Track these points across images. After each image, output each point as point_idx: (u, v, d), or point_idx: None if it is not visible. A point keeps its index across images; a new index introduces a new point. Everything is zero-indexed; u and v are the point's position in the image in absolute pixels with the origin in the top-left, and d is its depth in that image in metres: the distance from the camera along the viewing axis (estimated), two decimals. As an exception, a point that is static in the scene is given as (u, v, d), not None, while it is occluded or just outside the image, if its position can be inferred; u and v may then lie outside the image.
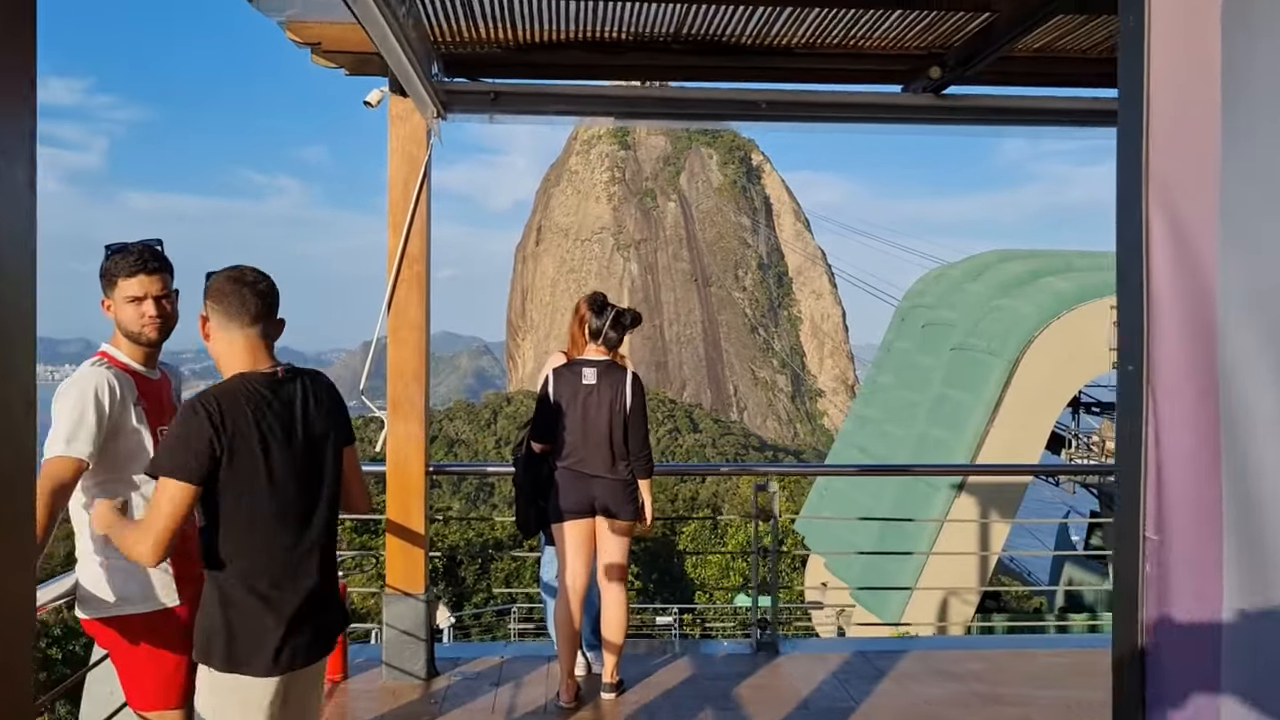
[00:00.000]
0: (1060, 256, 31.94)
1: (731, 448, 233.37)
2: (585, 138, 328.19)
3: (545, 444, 6.13)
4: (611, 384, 6.02)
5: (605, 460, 6.01)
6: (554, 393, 6.09)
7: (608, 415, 5.99)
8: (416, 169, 6.30)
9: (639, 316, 6.24)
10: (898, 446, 29.23)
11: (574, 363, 6.17)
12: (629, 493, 6.09)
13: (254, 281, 3.43)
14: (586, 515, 6.08)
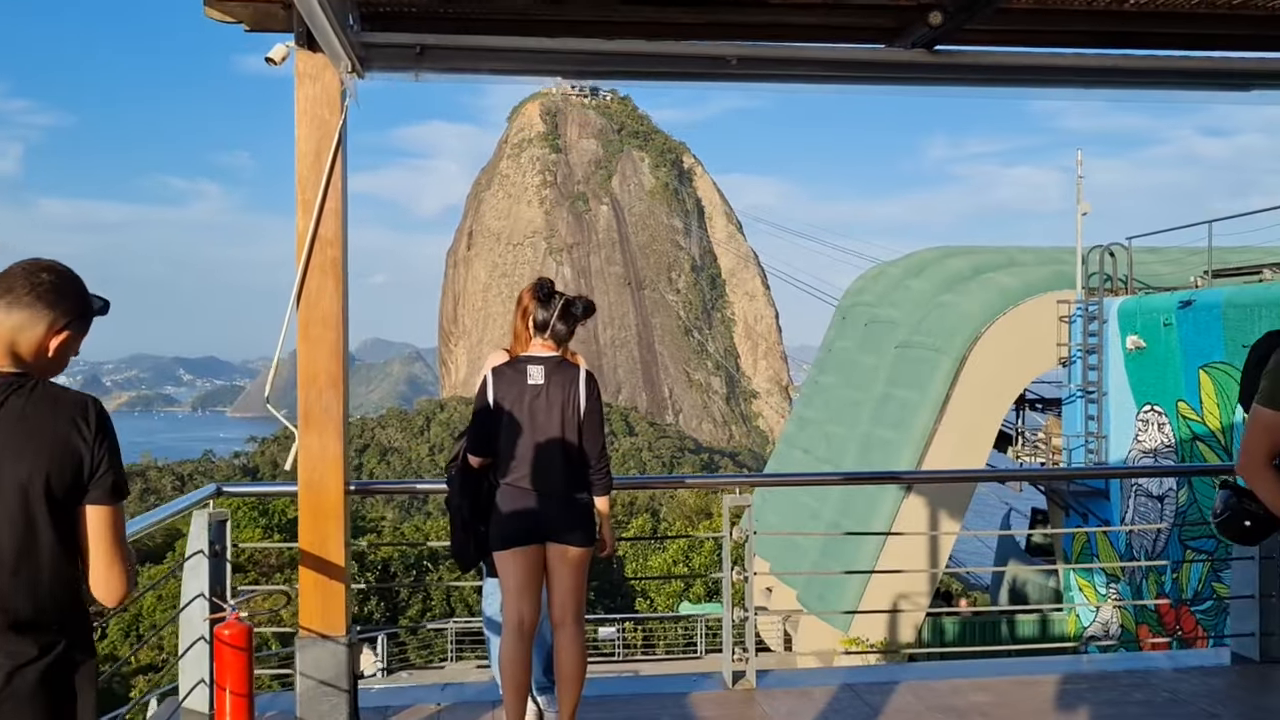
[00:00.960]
0: (1001, 252, 31.66)
1: (668, 451, 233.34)
2: (516, 141, 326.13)
3: (485, 457, 5.22)
4: (562, 384, 5.14)
5: (557, 475, 5.12)
6: (494, 396, 5.17)
7: (559, 421, 5.10)
8: (329, 136, 5.35)
9: (592, 306, 5.35)
10: (842, 447, 28.67)
11: (517, 360, 5.27)
12: (585, 513, 5.21)
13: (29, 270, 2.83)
14: (535, 541, 5.17)
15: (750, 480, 6.19)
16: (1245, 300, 19.21)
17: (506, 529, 5.13)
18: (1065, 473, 22.90)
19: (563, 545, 5.17)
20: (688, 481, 7.98)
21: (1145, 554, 22.57)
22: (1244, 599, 6.40)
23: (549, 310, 5.21)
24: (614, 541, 5.50)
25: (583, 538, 5.19)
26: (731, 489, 6.27)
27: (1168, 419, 21.76)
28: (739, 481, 6.15)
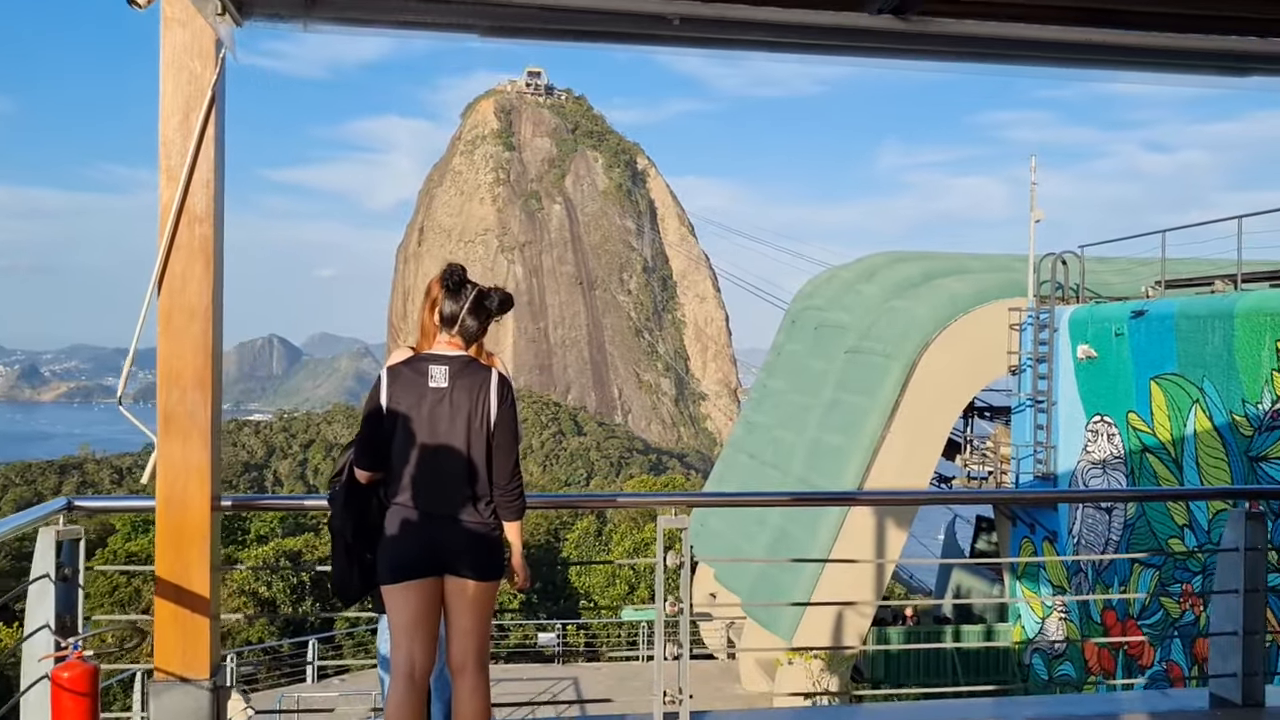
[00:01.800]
0: (952, 259, 31.35)
1: (616, 450, 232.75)
2: (470, 137, 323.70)
3: (373, 472, 4.47)
4: (470, 389, 4.41)
5: (459, 495, 4.39)
6: (388, 400, 4.43)
7: (464, 432, 4.38)
8: (200, 93, 4.57)
9: (509, 299, 4.62)
10: (790, 453, 28.14)
11: (417, 359, 4.53)
12: (490, 541, 4.48)
13: None
14: (430, 573, 4.44)
15: (688, 500, 5.48)
16: (1198, 311, 18.91)
17: (396, 558, 4.39)
18: (1011, 495, 22.53)
19: (462, 579, 4.44)
20: (620, 500, 6.97)
21: (1092, 567, 22.26)
22: (1225, 635, 5.83)
23: (458, 302, 4.50)
24: (528, 574, 4.76)
25: (487, 570, 4.46)
26: (667, 509, 5.53)
27: (1118, 430, 21.46)
28: (676, 501, 5.43)
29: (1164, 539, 19.82)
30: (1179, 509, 19.37)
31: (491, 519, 4.48)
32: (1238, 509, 5.88)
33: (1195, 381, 18.83)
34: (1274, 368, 16.92)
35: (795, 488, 26.79)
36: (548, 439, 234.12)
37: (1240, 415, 17.65)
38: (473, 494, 4.42)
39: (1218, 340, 18.16)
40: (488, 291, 4.61)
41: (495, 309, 4.62)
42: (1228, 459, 18.01)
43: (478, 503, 4.43)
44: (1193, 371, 18.89)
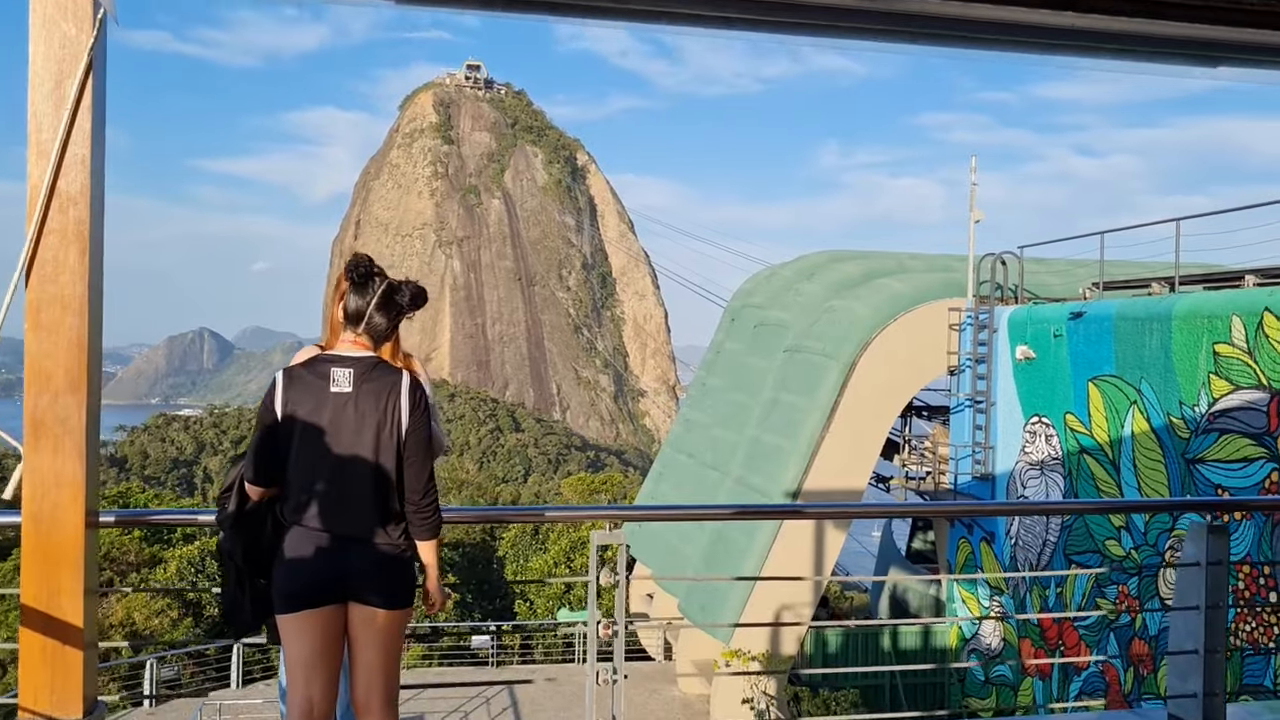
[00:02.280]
0: (892, 257, 31.32)
1: (554, 447, 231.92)
2: (408, 130, 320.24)
3: (267, 487, 3.99)
4: (378, 394, 3.95)
5: (366, 514, 3.93)
6: (284, 406, 3.96)
7: (371, 442, 3.92)
8: (75, 58, 4.04)
9: (422, 293, 4.16)
10: (728, 453, 27.87)
11: (318, 360, 4.05)
12: (400, 564, 4.02)
13: None
14: (331, 601, 3.97)
15: (620, 514, 5.05)
16: (1136, 313, 18.94)
17: (293, 584, 3.92)
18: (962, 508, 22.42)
19: (369, 607, 3.97)
20: (548, 515, 6.58)
21: (1030, 568, 22.27)
22: (1185, 654, 5.55)
23: (364, 297, 4.03)
24: (444, 597, 4.30)
25: (397, 597, 4.00)
26: (600, 523, 5.10)
27: (1055, 431, 21.48)
28: (607, 516, 5.00)
29: (1101, 540, 19.86)
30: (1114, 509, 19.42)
31: (402, 539, 4.02)
32: (1198, 522, 5.61)
33: (1133, 383, 18.86)
34: (1211, 370, 16.97)
35: (734, 489, 26.53)
36: (485, 435, 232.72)
37: (1177, 417, 17.70)
38: (381, 512, 3.96)
39: (1155, 342, 18.19)
40: (398, 285, 4.14)
41: (407, 304, 4.15)
42: (1165, 461, 18.05)
43: (386, 521, 3.97)
44: (1130, 373, 18.92)
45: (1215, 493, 16.85)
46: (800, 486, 24.63)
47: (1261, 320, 16.01)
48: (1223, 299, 17.30)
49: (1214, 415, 16.94)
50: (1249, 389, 16.29)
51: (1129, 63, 5.05)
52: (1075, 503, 19.64)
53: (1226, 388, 16.69)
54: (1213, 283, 20.00)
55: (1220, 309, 16.96)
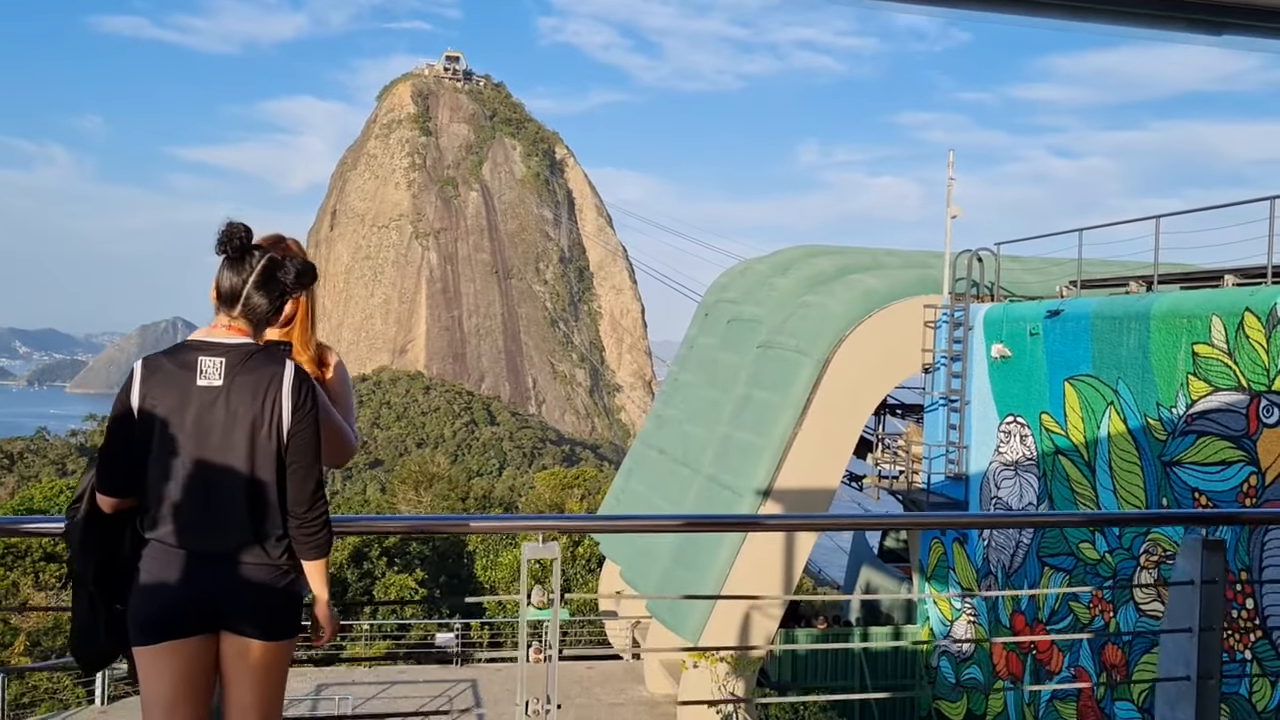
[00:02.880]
0: (867, 253, 30.94)
1: (529, 441, 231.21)
2: (385, 121, 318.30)
3: (121, 497, 3.44)
4: (254, 388, 3.39)
5: (239, 529, 3.38)
6: (140, 400, 3.40)
7: (244, 444, 3.37)
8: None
9: (310, 269, 3.61)
10: (700, 449, 27.39)
11: (183, 348, 3.49)
12: (279, 588, 3.48)
13: None
14: (196, 630, 3.42)
15: (555, 525, 4.51)
16: (1114, 312, 18.57)
17: (151, 611, 3.37)
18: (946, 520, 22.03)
19: (243, 638, 3.42)
20: (474, 525, 5.91)
21: (1002, 570, 21.92)
22: (1176, 681, 5.08)
23: (241, 273, 3.47)
24: (334, 625, 3.75)
25: (277, 626, 3.46)
26: (533, 535, 4.56)
27: (1030, 431, 21.11)
28: (541, 527, 4.48)
29: (1075, 543, 19.51)
30: (1089, 510, 19.06)
31: (284, 558, 3.48)
32: (1192, 536, 5.14)
33: (1110, 383, 18.50)
34: (1190, 371, 16.61)
35: (704, 486, 26.07)
36: (460, 428, 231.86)
37: (1155, 419, 17.34)
38: (257, 527, 3.41)
39: (1133, 342, 17.82)
40: (281, 259, 3.57)
41: (292, 283, 3.59)
42: (1141, 463, 17.70)
43: (265, 538, 3.43)
44: (1107, 373, 18.56)
45: (1192, 496, 16.49)
46: (772, 485, 24.18)
47: (1242, 321, 15.65)
48: (1202, 299, 16.94)
49: (1192, 417, 16.58)
50: (1228, 390, 15.94)
51: (1128, 28, 4.59)
52: (1059, 515, 19.18)
53: (1205, 389, 16.34)
54: (1191, 282, 19.67)
55: (1200, 309, 16.60)
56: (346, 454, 4.03)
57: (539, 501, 66.01)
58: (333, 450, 3.96)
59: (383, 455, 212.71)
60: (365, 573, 49.20)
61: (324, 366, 4.19)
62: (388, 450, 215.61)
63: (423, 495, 68.56)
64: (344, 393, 4.20)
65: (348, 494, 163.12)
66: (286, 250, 3.75)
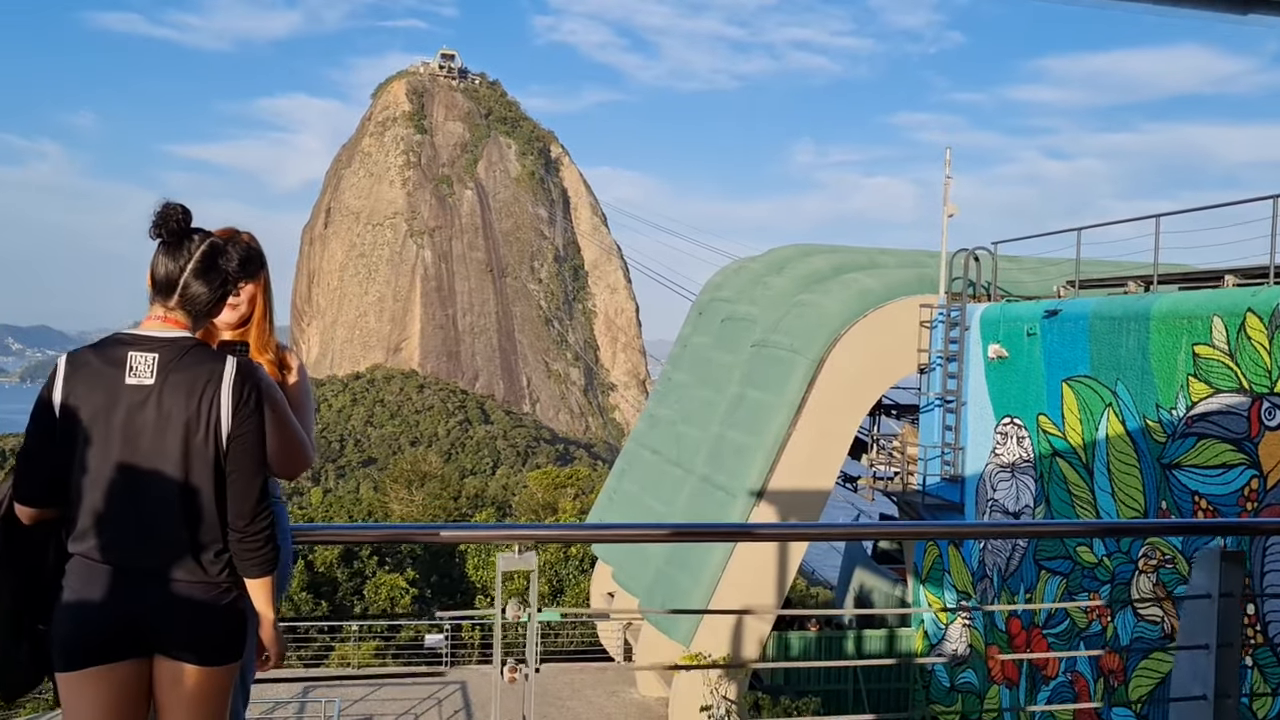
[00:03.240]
0: (863, 252, 30.65)
1: (523, 440, 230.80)
2: (380, 119, 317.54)
3: (41, 507, 3.12)
4: (190, 387, 3.08)
5: (171, 543, 3.07)
6: (63, 399, 3.08)
7: (179, 450, 3.05)
8: None
9: (256, 255, 3.31)
10: (693, 450, 27.10)
11: (112, 342, 3.18)
12: (223, 609, 3.17)
13: None
14: (129, 655, 3.11)
15: (530, 535, 4.21)
16: (1113, 312, 18.30)
17: (76, 633, 3.06)
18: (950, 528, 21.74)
19: (177, 663, 3.11)
20: (443, 535, 5.43)
21: (999, 572, 21.65)
22: (1192, 701, 4.79)
23: (178, 258, 3.15)
24: (281, 649, 3.43)
25: (216, 650, 3.15)
26: (508, 545, 4.24)
27: (1028, 432, 20.85)
28: (516, 537, 4.17)
29: (1072, 546, 19.24)
30: (1089, 515, 18.79)
31: (224, 576, 3.17)
32: (1210, 546, 4.85)
33: (1108, 385, 18.23)
34: (1190, 372, 16.34)
35: (698, 487, 25.78)
36: (454, 427, 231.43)
37: (1154, 421, 17.07)
38: (192, 541, 3.10)
39: (1133, 343, 17.55)
40: (223, 244, 3.25)
41: (235, 270, 3.26)
42: (1140, 466, 17.43)
43: (201, 553, 3.12)
44: (1106, 374, 18.28)
45: (1192, 499, 16.24)
46: (765, 486, 23.91)
47: (1244, 321, 15.38)
48: (1203, 299, 16.68)
49: (1192, 419, 16.32)
50: (1229, 392, 15.67)
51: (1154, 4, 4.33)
52: (1063, 524, 18.82)
53: (1206, 390, 16.07)
54: (1191, 283, 19.41)
55: (1201, 309, 16.33)
56: (301, 465, 3.72)
57: (531, 501, 65.70)
58: (286, 459, 3.64)
59: (376, 453, 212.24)
60: (356, 571, 48.82)
61: (286, 370, 3.88)
62: (381, 448, 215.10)
63: (415, 494, 68.19)
64: (303, 398, 3.90)
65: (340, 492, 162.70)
66: (237, 240, 3.45)
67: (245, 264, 3.28)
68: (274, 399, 3.54)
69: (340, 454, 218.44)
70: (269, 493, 3.23)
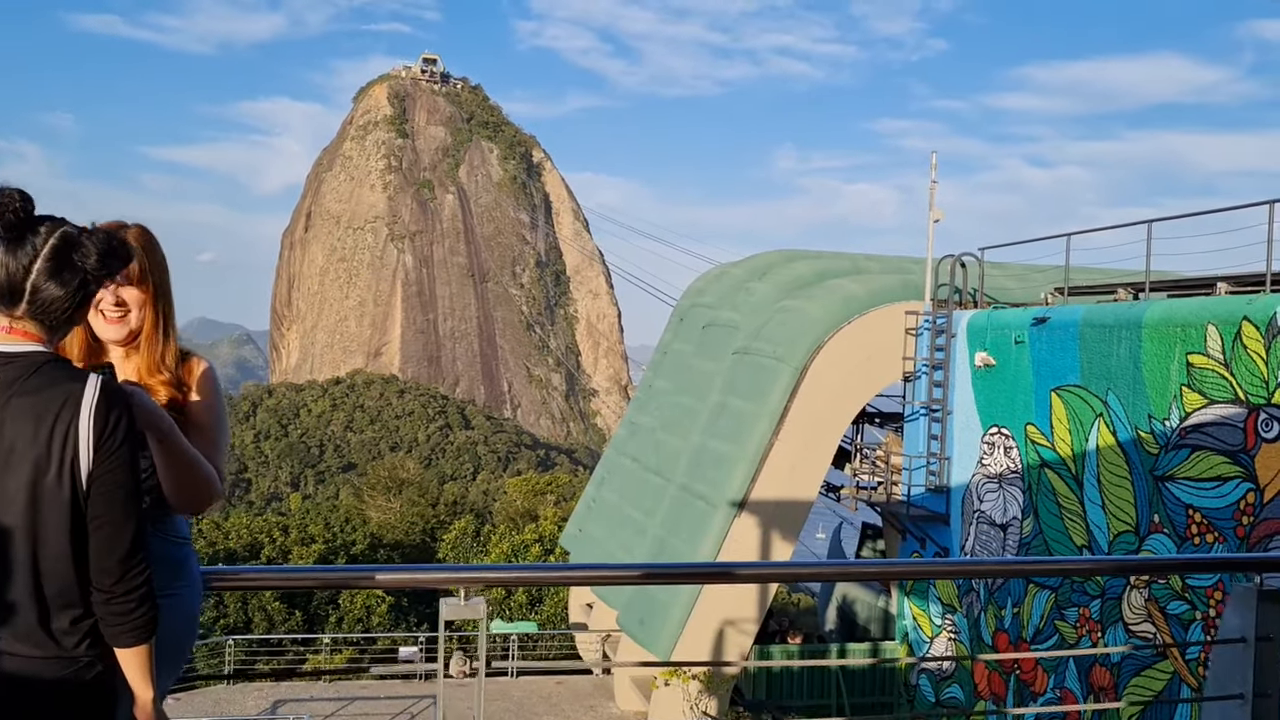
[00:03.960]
0: (847, 258, 30.20)
1: (504, 445, 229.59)
2: (361, 122, 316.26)
3: None
4: (38, 415, 2.50)
5: (15, 611, 2.49)
6: None
7: (25, 495, 2.47)
8: None
9: (119, 248, 2.71)
10: (673, 459, 26.56)
11: None
12: (82, 687, 2.59)
13: None
14: None
15: (473, 578, 3.62)
16: (1104, 320, 17.87)
17: None
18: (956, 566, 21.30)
19: None
20: (379, 578, 4.43)
21: (985, 585, 21.19)
22: (1229, 699, 4.27)
23: (21, 255, 2.57)
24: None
25: None
26: (453, 587, 3.65)
27: (1015, 443, 20.40)
28: (458, 580, 3.59)
29: (1061, 560, 18.78)
30: (1078, 528, 18.36)
31: (83, 648, 2.59)
32: (1244, 585, 4.35)
33: (1099, 394, 17.78)
34: (1183, 382, 15.91)
35: (678, 496, 25.24)
36: (434, 432, 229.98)
37: (1146, 431, 16.63)
38: (40, 607, 2.53)
39: (1124, 351, 17.12)
40: (77, 234, 2.66)
41: (94, 267, 2.66)
42: (1131, 478, 16.99)
43: (52, 622, 2.54)
44: (1096, 383, 17.84)
45: (1186, 513, 15.80)
46: (747, 496, 23.39)
47: (1240, 330, 14.96)
48: (1197, 306, 16.26)
49: (1186, 430, 15.88)
50: (1224, 403, 15.24)
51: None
52: (1083, 561, 17.86)
53: (1200, 401, 15.64)
54: (1182, 290, 19.01)
55: (1195, 317, 15.90)
56: (204, 501, 3.14)
57: (510, 508, 65.02)
58: (185, 496, 3.07)
59: (356, 459, 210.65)
60: (331, 581, 48.16)
61: (186, 387, 3.29)
62: (361, 454, 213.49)
63: (393, 501, 67.38)
64: (210, 420, 3.30)
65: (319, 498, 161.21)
66: (123, 235, 2.90)
67: (106, 259, 2.67)
68: (159, 426, 2.97)
69: (320, 459, 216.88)
70: (143, 545, 2.65)
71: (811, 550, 62.77)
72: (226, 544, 48.29)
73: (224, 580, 3.27)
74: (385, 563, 53.73)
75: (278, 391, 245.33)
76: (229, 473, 51.91)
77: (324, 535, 54.31)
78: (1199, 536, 15.59)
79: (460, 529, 55.73)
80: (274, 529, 53.17)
